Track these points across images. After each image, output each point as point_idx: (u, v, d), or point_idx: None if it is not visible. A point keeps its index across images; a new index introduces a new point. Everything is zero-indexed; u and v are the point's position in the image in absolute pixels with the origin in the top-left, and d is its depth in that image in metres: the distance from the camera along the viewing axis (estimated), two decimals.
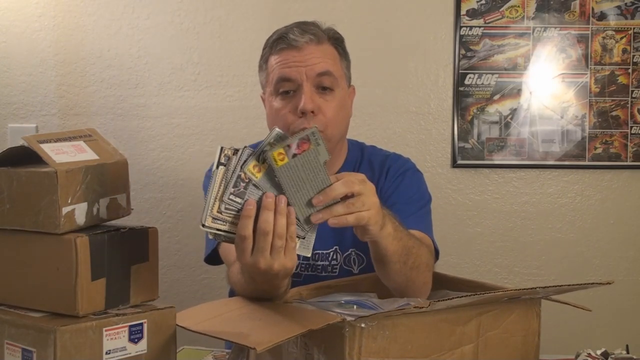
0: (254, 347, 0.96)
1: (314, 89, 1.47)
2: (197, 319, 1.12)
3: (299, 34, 1.48)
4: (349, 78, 1.59)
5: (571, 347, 1.38)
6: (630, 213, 2.33)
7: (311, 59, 1.47)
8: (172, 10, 2.34)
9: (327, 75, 1.48)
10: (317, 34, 1.50)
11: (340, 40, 1.57)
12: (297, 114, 1.46)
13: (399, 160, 1.64)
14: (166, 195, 2.37)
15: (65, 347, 0.98)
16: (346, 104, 1.56)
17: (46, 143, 1.06)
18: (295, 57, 1.47)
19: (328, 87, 1.49)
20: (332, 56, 1.52)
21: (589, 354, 1.28)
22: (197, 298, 2.32)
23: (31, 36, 2.36)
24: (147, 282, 1.13)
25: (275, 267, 1.11)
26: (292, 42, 1.47)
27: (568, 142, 2.31)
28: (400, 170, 1.61)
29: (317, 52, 1.48)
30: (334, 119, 1.49)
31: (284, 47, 1.48)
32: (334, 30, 1.57)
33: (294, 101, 1.47)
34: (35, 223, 1.02)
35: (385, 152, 1.68)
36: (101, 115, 2.36)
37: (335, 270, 1.56)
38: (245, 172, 1.09)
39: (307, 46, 1.48)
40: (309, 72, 1.46)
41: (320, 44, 1.49)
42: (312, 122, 1.45)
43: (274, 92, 1.50)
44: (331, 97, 1.49)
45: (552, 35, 2.29)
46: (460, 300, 1.08)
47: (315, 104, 1.46)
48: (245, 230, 1.09)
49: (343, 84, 1.54)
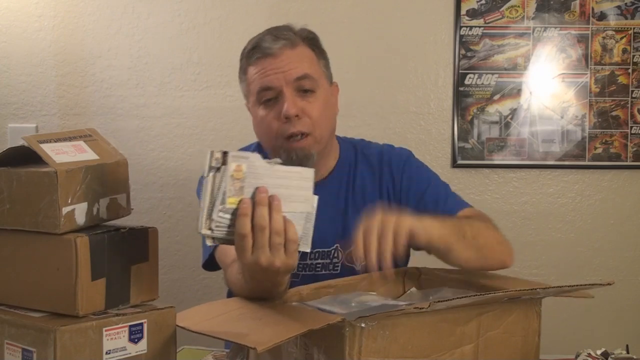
0: (254, 347, 0.96)
1: (295, 93, 1.48)
2: (197, 319, 1.12)
3: (272, 40, 1.48)
4: (329, 76, 1.58)
5: (571, 347, 1.38)
6: (630, 213, 2.33)
7: (288, 64, 1.47)
8: (172, 10, 2.34)
9: (306, 78, 1.49)
10: (290, 37, 1.50)
11: (315, 39, 1.56)
12: (281, 119, 1.47)
13: (394, 151, 1.66)
14: (166, 195, 2.37)
15: (65, 347, 0.98)
16: (330, 102, 1.56)
17: (46, 143, 1.06)
18: (272, 65, 1.47)
19: (309, 89, 1.49)
20: (309, 58, 1.52)
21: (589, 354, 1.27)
22: (197, 298, 2.32)
23: (31, 36, 2.36)
24: (147, 282, 1.13)
25: (277, 264, 1.11)
26: (267, 50, 1.48)
27: (568, 142, 2.31)
28: (402, 160, 1.62)
29: (292, 56, 1.48)
30: (319, 119, 1.50)
31: (260, 57, 1.49)
32: (307, 30, 1.56)
33: (277, 107, 1.48)
34: (35, 223, 1.02)
35: (377, 146, 1.68)
36: (101, 115, 2.36)
37: (337, 268, 1.56)
38: (232, 175, 1.09)
39: (282, 52, 1.48)
40: (287, 77, 1.47)
41: (294, 48, 1.50)
42: (297, 125, 1.47)
43: (257, 101, 1.51)
44: (313, 99, 1.50)
45: (552, 35, 2.29)
46: (460, 301, 1.08)
47: (298, 107, 1.47)
48: (243, 228, 1.09)
49: (324, 83, 1.54)
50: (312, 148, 1.49)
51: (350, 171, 1.61)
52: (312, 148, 1.49)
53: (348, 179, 1.61)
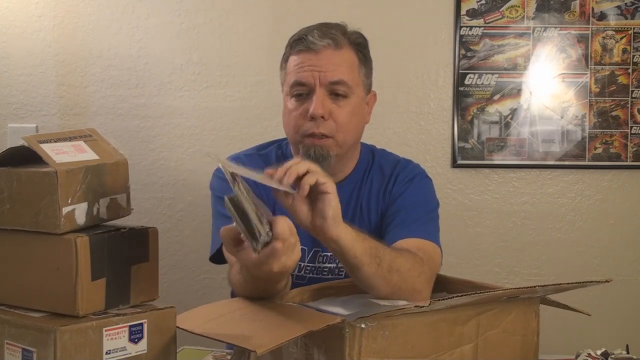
0: (254, 350, 0.96)
1: (326, 94, 1.47)
2: (198, 320, 1.12)
3: (318, 37, 1.47)
4: (368, 85, 1.57)
5: (571, 347, 1.38)
6: (630, 213, 2.33)
7: (326, 65, 1.46)
8: (172, 10, 2.34)
9: (341, 84, 1.47)
10: (337, 38, 1.48)
11: (363, 45, 1.55)
12: (307, 117, 1.46)
13: (409, 166, 1.63)
14: (166, 195, 2.37)
15: (65, 347, 0.98)
16: (361, 111, 1.54)
17: (46, 143, 1.06)
18: (311, 61, 1.47)
19: (342, 94, 1.48)
20: (350, 63, 1.50)
21: (589, 354, 1.28)
22: (197, 298, 2.32)
23: (31, 36, 2.36)
24: (147, 282, 1.13)
25: (289, 264, 1.09)
26: (310, 45, 1.47)
27: (568, 142, 2.31)
28: (409, 176, 1.59)
29: (334, 57, 1.47)
30: (345, 125, 1.49)
31: (302, 49, 1.48)
32: (358, 34, 1.55)
33: (306, 104, 1.47)
34: (35, 223, 1.02)
35: (396, 157, 1.66)
36: (101, 115, 2.36)
37: (342, 272, 1.55)
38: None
39: (325, 50, 1.47)
40: (322, 78, 1.46)
41: (338, 49, 1.48)
42: (321, 126, 1.46)
43: (289, 92, 1.51)
44: (344, 103, 1.49)
45: (552, 35, 2.29)
46: (459, 300, 1.08)
47: (325, 109, 1.46)
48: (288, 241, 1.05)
49: (359, 91, 1.53)
50: (331, 149, 1.48)
51: (363, 178, 1.60)
52: (331, 149, 1.48)
53: (360, 186, 1.59)
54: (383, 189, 1.58)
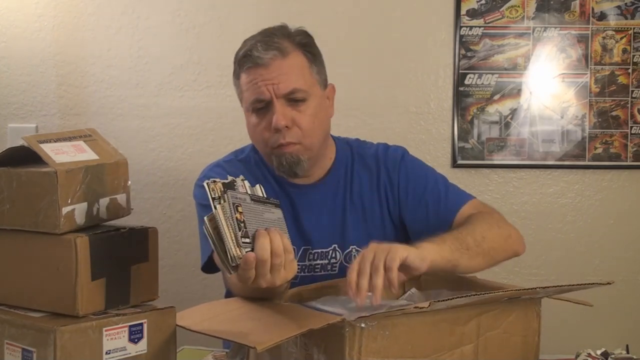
0: (254, 347, 0.96)
1: (285, 104, 1.48)
2: (197, 318, 1.12)
3: (263, 50, 1.47)
4: (323, 81, 1.57)
5: (571, 347, 1.38)
6: (630, 213, 2.33)
7: (278, 77, 1.47)
8: (172, 10, 2.34)
9: (296, 92, 1.48)
10: (282, 46, 1.48)
11: (309, 44, 1.54)
12: (272, 130, 1.48)
13: (389, 150, 1.65)
14: (166, 195, 2.37)
15: (65, 347, 0.98)
16: (322, 108, 1.55)
17: (46, 143, 1.06)
18: (262, 76, 1.47)
19: (300, 99, 1.49)
20: (300, 67, 1.50)
21: (589, 354, 1.27)
22: (197, 298, 2.31)
23: (31, 36, 2.36)
24: (147, 282, 1.13)
25: (277, 283, 1.15)
26: (257, 60, 1.47)
27: (568, 142, 2.31)
28: (397, 159, 1.63)
29: (283, 67, 1.47)
30: (309, 129, 1.50)
31: (251, 66, 1.49)
32: (302, 33, 1.55)
33: (268, 117, 1.48)
34: (35, 223, 1.03)
35: (372, 145, 1.67)
36: (101, 115, 2.36)
37: (335, 268, 1.56)
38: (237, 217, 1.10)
39: (273, 62, 1.47)
40: (277, 90, 1.47)
41: (285, 58, 1.48)
42: (287, 136, 1.47)
43: (249, 109, 1.52)
44: (304, 107, 1.49)
45: (552, 35, 2.29)
46: (460, 300, 1.08)
47: (287, 119, 1.47)
48: (248, 272, 1.11)
49: (316, 90, 1.53)
50: (301, 154, 1.50)
51: (347, 172, 1.61)
52: (301, 154, 1.50)
53: (345, 180, 1.61)
54: (375, 182, 1.60)
